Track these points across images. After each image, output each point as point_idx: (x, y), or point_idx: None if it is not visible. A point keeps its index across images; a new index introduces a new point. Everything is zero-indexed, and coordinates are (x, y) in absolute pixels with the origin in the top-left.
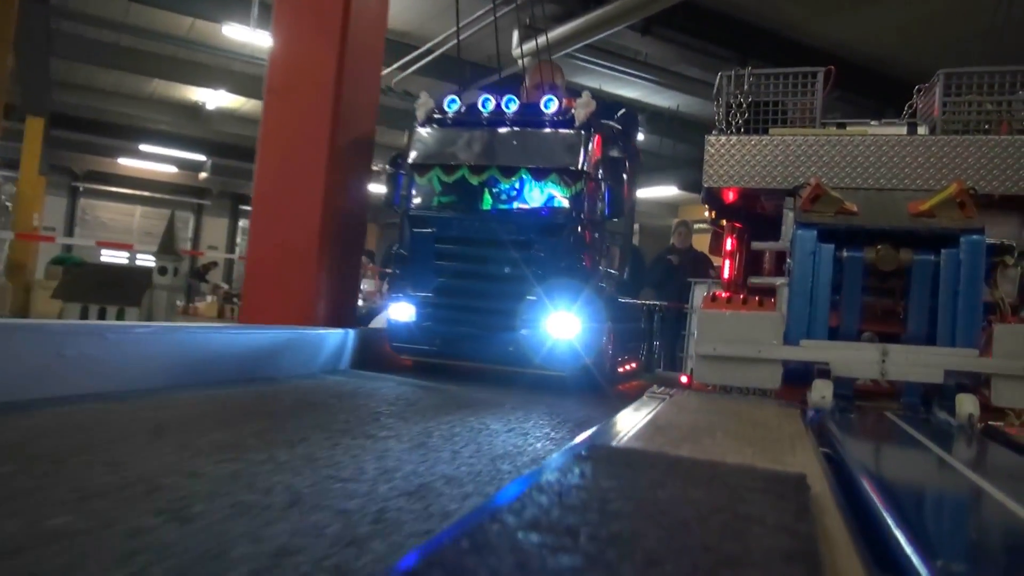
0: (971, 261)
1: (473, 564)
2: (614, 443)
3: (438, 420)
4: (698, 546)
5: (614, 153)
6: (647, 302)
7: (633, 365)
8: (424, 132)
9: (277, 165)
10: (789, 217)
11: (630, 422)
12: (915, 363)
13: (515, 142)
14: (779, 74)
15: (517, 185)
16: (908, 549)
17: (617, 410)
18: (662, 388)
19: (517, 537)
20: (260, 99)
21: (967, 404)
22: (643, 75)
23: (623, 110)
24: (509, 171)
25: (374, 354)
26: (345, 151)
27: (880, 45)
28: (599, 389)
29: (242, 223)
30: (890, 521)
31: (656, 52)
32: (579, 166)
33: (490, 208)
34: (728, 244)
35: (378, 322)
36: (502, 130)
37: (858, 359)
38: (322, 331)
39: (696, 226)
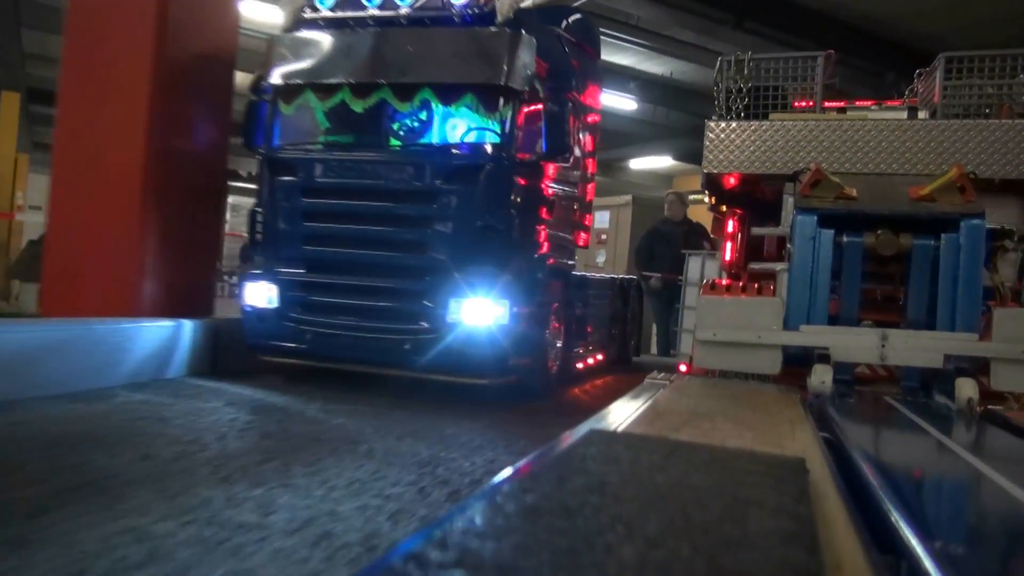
0: (971, 245)
1: (475, 547)
2: (615, 428)
3: (184, 499)
4: (698, 528)
5: (557, 66)
6: (621, 276)
7: (600, 357)
8: (291, 41)
9: (84, 91)
10: (789, 202)
11: (630, 407)
12: (915, 347)
13: (413, 49)
14: (779, 59)
15: (417, 111)
16: (906, 531)
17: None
18: (662, 374)
19: (519, 521)
20: (248, 72)
21: (966, 388)
22: (635, 40)
23: (577, 15)
24: (406, 91)
25: (239, 354)
26: (183, 71)
27: (880, 6)
28: (539, 400)
29: (231, 199)
30: (889, 504)
31: (648, 15)
32: (503, 81)
33: (380, 145)
34: (728, 229)
35: None
36: (396, 33)
37: (858, 344)
38: (130, 324)
39: (691, 197)
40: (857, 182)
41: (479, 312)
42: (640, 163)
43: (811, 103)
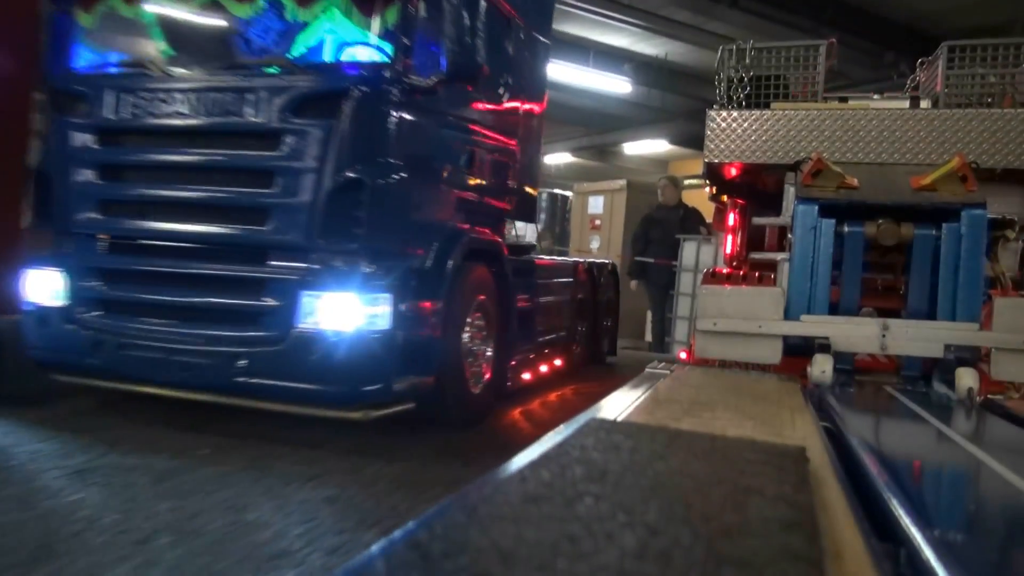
0: (972, 235)
1: (475, 536)
2: (615, 417)
3: None
4: (698, 516)
5: None
6: (589, 259)
7: (559, 362)
8: None
9: None
10: (790, 192)
11: (630, 397)
12: (915, 337)
13: None
14: (781, 48)
15: (261, 15)
16: (906, 519)
17: None
18: (662, 364)
19: (519, 509)
20: None
21: (967, 378)
22: (628, 19)
23: None
24: None
25: (37, 371)
26: None
27: None
28: (453, 434)
29: None
30: (888, 492)
31: None
32: None
33: (207, 67)
34: (730, 219)
35: None
36: None
37: (858, 333)
38: None
39: (687, 182)
40: (859, 171)
41: (345, 312)
42: (635, 147)
43: (814, 92)
